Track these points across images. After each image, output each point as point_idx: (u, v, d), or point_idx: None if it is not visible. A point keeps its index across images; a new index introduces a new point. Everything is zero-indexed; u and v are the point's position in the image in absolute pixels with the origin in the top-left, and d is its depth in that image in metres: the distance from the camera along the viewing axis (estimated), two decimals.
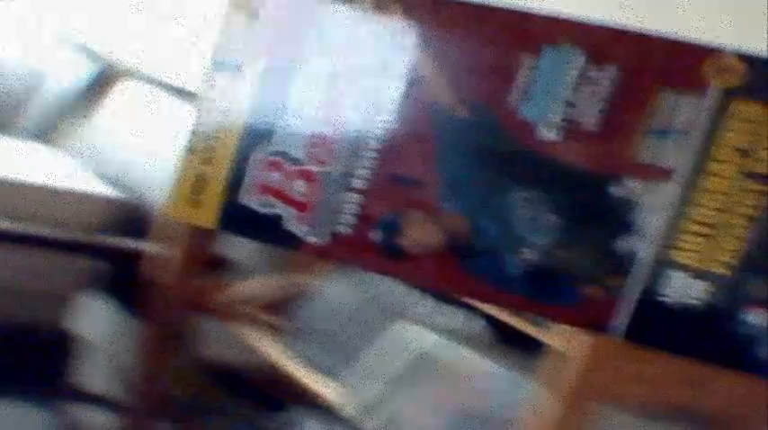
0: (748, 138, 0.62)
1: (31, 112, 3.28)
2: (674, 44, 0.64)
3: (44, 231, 2.44)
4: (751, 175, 0.62)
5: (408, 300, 1.93)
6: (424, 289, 1.84)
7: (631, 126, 0.64)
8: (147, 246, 2.43)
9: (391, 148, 0.70)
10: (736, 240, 0.62)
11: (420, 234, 0.70)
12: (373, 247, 0.71)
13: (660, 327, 0.65)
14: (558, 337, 1.49)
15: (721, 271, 0.63)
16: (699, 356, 0.65)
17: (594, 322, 0.66)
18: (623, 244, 0.65)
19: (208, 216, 0.75)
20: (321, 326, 2.09)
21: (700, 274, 0.63)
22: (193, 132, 0.76)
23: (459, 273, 0.69)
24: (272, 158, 0.73)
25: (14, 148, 2.96)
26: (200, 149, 0.75)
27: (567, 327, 0.73)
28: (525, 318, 1.63)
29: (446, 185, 0.69)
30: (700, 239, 0.63)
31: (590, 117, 0.65)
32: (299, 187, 0.73)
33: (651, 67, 0.64)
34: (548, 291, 0.67)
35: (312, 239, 0.73)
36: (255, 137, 0.74)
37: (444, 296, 1.86)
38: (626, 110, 0.64)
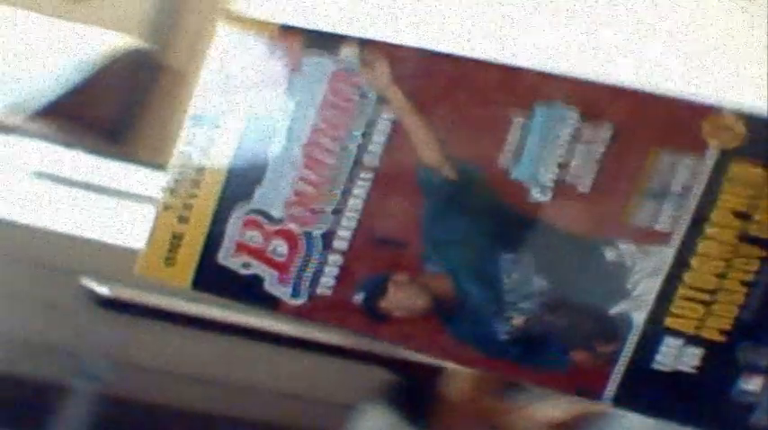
0: (748, 201, 0.60)
1: None
2: (671, 102, 0.62)
3: (334, 338, 2.37)
4: (749, 239, 0.60)
5: None
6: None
7: (627, 188, 0.62)
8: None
9: (374, 208, 0.68)
10: (732, 306, 0.61)
11: (403, 297, 0.68)
12: (355, 309, 0.69)
13: (652, 394, 0.63)
14: None
15: (716, 337, 0.61)
16: (693, 424, 0.63)
17: (585, 389, 0.64)
18: (616, 309, 0.63)
19: (183, 276, 0.73)
20: None
21: (694, 341, 0.62)
22: (169, 189, 0.73)
23: (444, 337, 0.67)
24: (251, 217, 0.71)
25: None
26: (176, 207, 0.73)
27: None
28: None
29: (431, 247, 0.67)
30: (695, 305, 0.61)
31: (584, 178, 0.63)
32: (278, 247, 0.70)
33: (648, 126, 0.62)
34: (537, 356, 0.65)
35: (291, 301, 0.70)
36: (234, 195, 0.71)
37: None
38: (621, 171, 0.62)
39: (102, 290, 2.03)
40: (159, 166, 2.13)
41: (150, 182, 2.99)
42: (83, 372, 2.26)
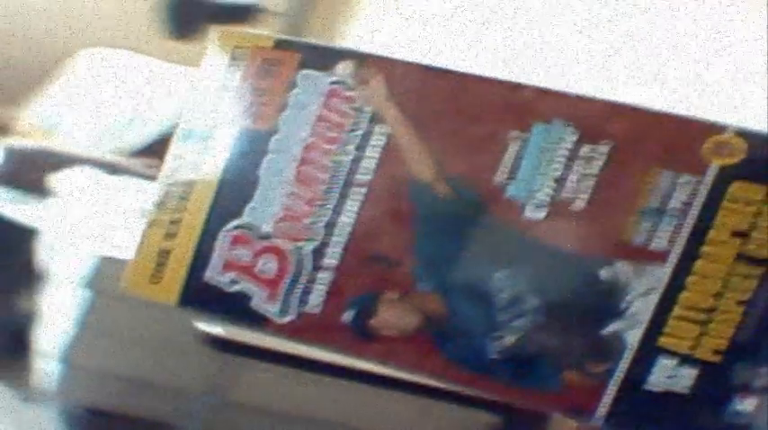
0: (747, 219, 0.60)
1: None
2: (672, 120, 0.62)
3: (440, 382, 2.28)
4: (747, 259, 0.60)
5: None
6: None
7: (624, 206, 0.62)
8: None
9: (366, 225, 0.68)
10: (728, 326, 0.60)
11: (394, 315, 0.67)
12: (344, 328, 0.68)
13: (645, 414, 0.62)
14: None
15: (711, 358, 0.61)
16: None
17: (577, 409, 0.63)
18: (610, 329, 0.62)
19: (169, 293, 0.72)
20: None
21: (688, 361, 0.61)
22: (157, 204, 0.72)
23: (434, 356, 0.66)
24: (239, 233, 0.70)
25: None
26: (163, 223, 0.72)
27: None
28: None
29: (423, 265, 0.66)
30: (690, 325, 0.61)
31: (580, 196, 0.63)
32: (267, 264, 0.69)
33: (647, 144, 0.62)
34: (528, 376, 0.64)
35: (279, 319, 0.69)
36: (224, 211, 0.71)
37: None
38: (619, 189, 0.62)
39: (216, 330, 2.01)
40: None
41: None
42: (193, 412, 2.26)
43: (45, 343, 2.34)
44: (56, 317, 2.32)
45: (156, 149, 3.17)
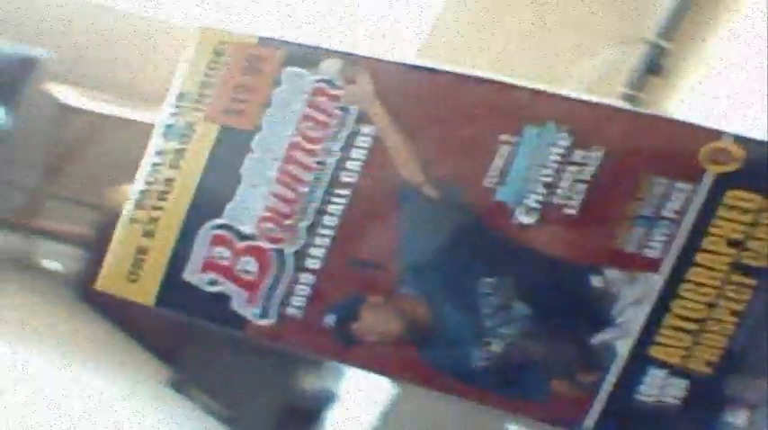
0: (742, 228, 0.59)
1: None
2: (667, 125, 0.61)
3: None
4: (741, 268, 0.59)
5: None
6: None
7: (616, 212, 0.61)
8: None
9: (350, 227, 0.66)
10: (720, 337, 0.59)
11: (377, 320, 0.65)
12: (325, 333, 0.66)
13: (634, 426, 0.61)
14: None
15: (703, 369, 0.59)
16: None
17: (564, 419, 0.62)
18: (599, 338, 0.61)
19: (146, 293, 0.70)
20: None
21: (680, 372, 0.60)
22: (135, 202, 0.70)
23: (418, 363, 0.65)
24: (220, 233, 0.68)
25: None
26: (141, 220, 0.70)
27: None
28: None
29: (407, 269, 0.65)
30: (682, 335, 0.60)
31: (572, 202, 0.61)
32: (248, 265, 0.68)
33: (642, 149, 0.60)
34: (515, 384, 0.63)
35: (259, 321, 0.67)
36: (203, 209, 0.69)
37: None
38: (612, 195, 0.61)
39: None
40: None
41: None
42: None
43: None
44: (356, 404, 2.23)
45: None
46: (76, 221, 3.98)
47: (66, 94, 3.99)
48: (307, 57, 0.68)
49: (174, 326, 2.88)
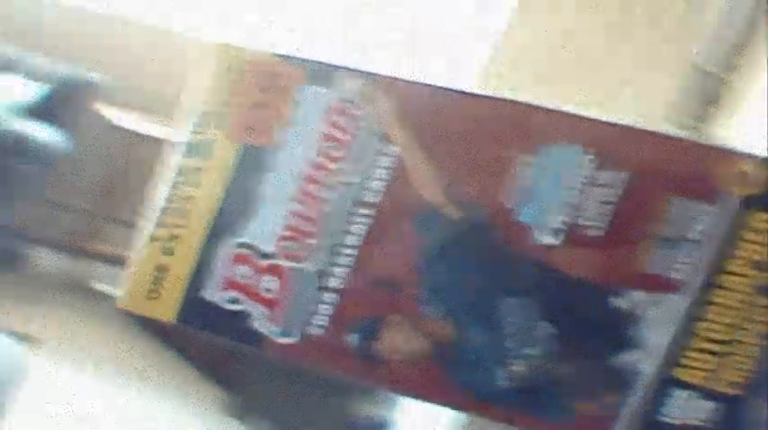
0: (767, 250, 0.58)
1: None
2: (692, 147, 0.60)
3: None
4: (766, 290, 0.58)
5: None
6: None
7: (640, 234, 0.60)
8: None
9: (372, 247, 0.66)
10: (746, 359, 0.59)
11: (400, 340, 0.65)
12: (347, 352, 0.66)
13: None
14: None
15: (729, 391, 0.59)
16: None
17: None
18: (624, 359, 0.61)
19: (167, 310, 0.70)
20: None
21: (706, 394, 0.60)
22: (156, 219, 0.70)
23: (442, 382, 0.64)
24: (240, 252, 0.68)
25: None
26: (161, 237, 0.70)
27: None
28: None
29: (430, 289, 0.65)
30: (708, 357, 0.60)
31: (595, 222, 0.61)
32: (268, 284, 0.68)
33: (665, 170, 0.60)
34: (539, 405, 0.63)
35: (281, 340, 0.67)
36: (224, 227, 0.69)
37: None
38: (635, 216, 0.61)
39: None
40: None
41: None
42: None
43: None
44: None
45: None
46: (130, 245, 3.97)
47: (119, 117, 4.00)
48: (325, 75, 0.68)
49: (227, 351, 2.89)
